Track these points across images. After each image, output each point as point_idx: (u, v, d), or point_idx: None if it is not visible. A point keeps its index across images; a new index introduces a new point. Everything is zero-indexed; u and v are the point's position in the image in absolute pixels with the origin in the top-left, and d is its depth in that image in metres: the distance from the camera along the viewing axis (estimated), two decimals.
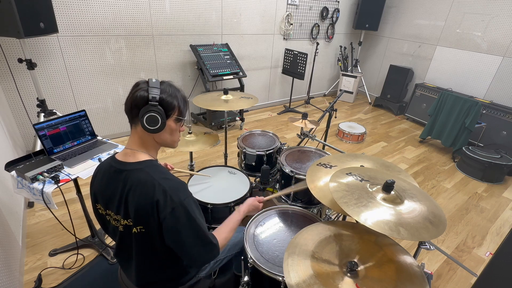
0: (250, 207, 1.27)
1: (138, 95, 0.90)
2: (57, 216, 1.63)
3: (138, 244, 0.95)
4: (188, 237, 0.91)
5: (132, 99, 0.91)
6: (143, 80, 0.94)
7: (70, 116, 1.66)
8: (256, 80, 4.39)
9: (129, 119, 0.96)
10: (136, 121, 0.93)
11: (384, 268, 0.93)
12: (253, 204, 1.30)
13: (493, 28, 3.75)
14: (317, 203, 1.73)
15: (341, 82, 5.19)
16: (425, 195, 1.10)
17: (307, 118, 2.05)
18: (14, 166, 1.41)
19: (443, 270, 1.98)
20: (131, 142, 0.98)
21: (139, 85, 0.92)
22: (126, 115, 0.95)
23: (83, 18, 2.70)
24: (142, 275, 1.04)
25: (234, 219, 1.17)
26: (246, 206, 1.26)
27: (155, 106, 0.90)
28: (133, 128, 0.96)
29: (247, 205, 1.26)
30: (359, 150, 3.58)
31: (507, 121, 3.44)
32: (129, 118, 0.95)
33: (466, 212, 2.57)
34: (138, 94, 0.90)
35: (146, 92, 0.90)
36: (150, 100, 0.89)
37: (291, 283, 0.86)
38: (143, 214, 0.88)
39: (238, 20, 3.78)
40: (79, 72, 2.86)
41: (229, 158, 2.90)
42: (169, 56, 3.39)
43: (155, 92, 0.91)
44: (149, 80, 0.93)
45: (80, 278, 1.70)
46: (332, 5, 4.70)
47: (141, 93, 0.90)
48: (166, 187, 0.88)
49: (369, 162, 1.46)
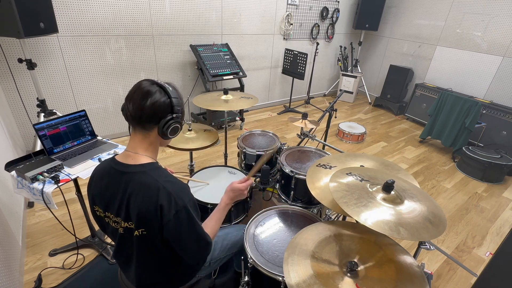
0: (231, 194, 1.15)
1: (161, 103, 0.89)
2: (57, 216, 1.63)
3: (139, 246, 0.95)
4: (189, 239, 0.93)
5: (153, 108, 0.88)
6: (149, 83, 0.90)
7: (70, 116, 1.66)
8: (256, 80, 4.39)
9: (135, 124, 0.92)
10: (149, 127, 0.92)
11: (384, 268, 0.93)
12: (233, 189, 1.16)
13: (493, 28, 3.75)
14: (317, 203, 1.73)
15: (341, 82, 5.19)
16: (425, 195, 1.10)
17: (307, 118, 2.05)
18: (14, 166, 1.40)
19: (443, 270, 1.98)
20: (135, 146, 0.94)
21: (155, 92, 0.89)
22: (132, 119, 0.91)
23: (83, 18, 2.70)
24: (143, 276, 1.04)
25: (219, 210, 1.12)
26: (226, 195, 1.16)
27: (179, 117, 0.94)
28: (141, 133, 0.93)
29: (227, 194, 1.16)
30: (359, 150, 3.58)
31: (507, 121, 3.44)
32: (136, 122, 0.91)
33: (466, 212, 2.57)
34: (161, 103, 0.89)
35: (167, 100, 0.90)
36: (175, 111, 0.92)
37: (291, 283, 0.86)
38: (146, 217, 0.88)
39: (238, 20, 3.78)
40: (79, 72, 2.86)
41: (229, 158, 2.90)
42: (169, 56, 3.39)
43: (178, 102, 0.93)
44: (166, 88, 0.91)
45: (80, 278, 1.70)
46: (332, 5, 4.70)
47: (164, 101, 0.90)
48: (170, 190, 0.88)
49: (369, 161, 1.46)
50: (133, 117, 0.90)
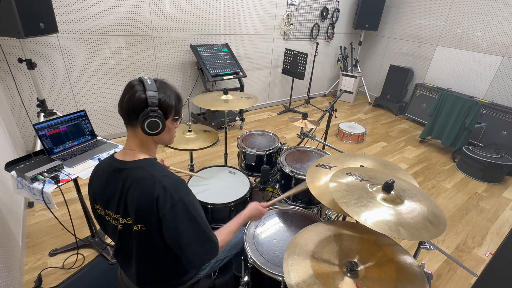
0: (252, 211, 1.21)
1: (136, 98, 0.87)
2: (57, 216, 1.63)
3: (139, 242, 0.95)
4: (186, 234, 0.90)
5: (129, 103, 0.88)
6: (136, 80, 0.90)
7: (70, 116, 1.66)
8: (256, 80, 4.39)
9: (125, 122, 0.94)
10: (134, 124, 0.91)
11: (384, 268, 0.93)
12: (256, 208, 1.23)
13: (493, 28, 3.75)
14: (317, 203, 1.73)
15: (341, 82, 5.19)
16: (425, 195, 1.10)
17: (307, 118, 2.05)
18: (14, 166, 1.41)
19: (443, 270, 1.98)
20: (130, 143, 0.96)
21: (134, 86, 0.88)
22: (122, 117, 0.93)
23: (83, 18, 2.70)
24: (143, 274, 1.03)
25: (235, 222, 1.13)
26: (248, 210, 1.20)
27: (155, 111, 0.88)
28: (131, 130, 0.95)
29: (249, 210, 1.20)
30: (359, 150, 3.58)
31: (507, 121, 3.44)
32: (125, 120, 0.93)
33: (466, 212, 2.57)
34: (136, 98, 0.87)
35: (143, 95, 0.87)
36: (149, 105, 0.87)
37: (291, 283, 0.86)
38: (143, 211, 0.88)
39: (238, 20, 3.78)
40: (79, 72, 2.86)
41: (229, 158, 2.90)
42: (169, 56, 3.39)
43: (153, 95, 0.88)
44: (144, 81, 0.89)
45: (80, 278, 1.70)
46: (332, 5, 4.70)
47: (138, 96, 0.87)
48: (166, 184, 0.88)
49: (369, 161, 1.46)
50: (121, 115, 0.93)
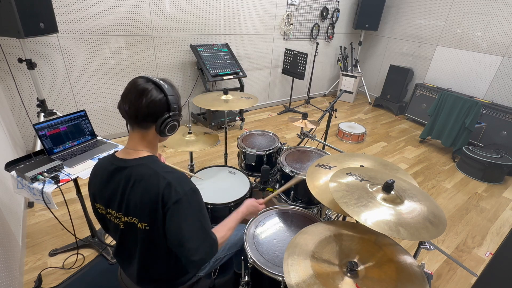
0: (249, 208, 1.22)
1: (157, 103, 0.88)
2: (57, 216, 1.63)
3: (141, 241, 0.95)
4: (189, 228, 0.89)
5: (149, 108, 0.88)
6: (143, 81, 0.89)
7: (70, 116, 1.66)
8: (256, 80, 4.39)
9: (132, 123, 0.93)
10: (146, 126, 0.92)
11: (384, 268, 0.93)
12: (252, 205, 1.24)
13: (493, 28, 3.75)
14: (317, 203, 1.73)
15: (341, 82, 5.19)
16: (425, 195, 1.10)
17: (307, 118, 2.05)
18: (14, 166, 1.41)
19: (443, 270, 1.98)
20: (135, 143, 0.95)
21: (149, 90, 0.87)
22: (130, 119, 0.91)
23: (83, 18, 2.70)
24: (144, 272, 1.03)
25: (233, 218, 1.14)
26: (244, 207, 1.21)
27: (176, 115, 0.93)
28: (139, 131, 0.94)
29: (245, 206, 1.22)
30: (359, 150, 3.58)
31: (507, 121, 3.44)
32: (134, 121, 0.92)
33: (466, 212, 2.57)
34: (157, 102, 0.88)
35: (164, 99, 0.89)
36: (172, 110, 0.91)
37: (291, 283, 0.86)
38: (147, 208, 0.88)
39: (238, 20, 3.78)
40: (79, 72, 2.86)
41: (229, 158, 2.90)
42: (169, 56, 3.39)
43: (175, 100, 0.92)
44: (162, 85, 0.89)
45: (80, 278, 1.70)
46: (332, 5, 4.70)
47: (160, 101, 0.88)
48: (170, 179, 0.88)
49: (369, 161, 1.46)
50: (129, 116, 0.91)
